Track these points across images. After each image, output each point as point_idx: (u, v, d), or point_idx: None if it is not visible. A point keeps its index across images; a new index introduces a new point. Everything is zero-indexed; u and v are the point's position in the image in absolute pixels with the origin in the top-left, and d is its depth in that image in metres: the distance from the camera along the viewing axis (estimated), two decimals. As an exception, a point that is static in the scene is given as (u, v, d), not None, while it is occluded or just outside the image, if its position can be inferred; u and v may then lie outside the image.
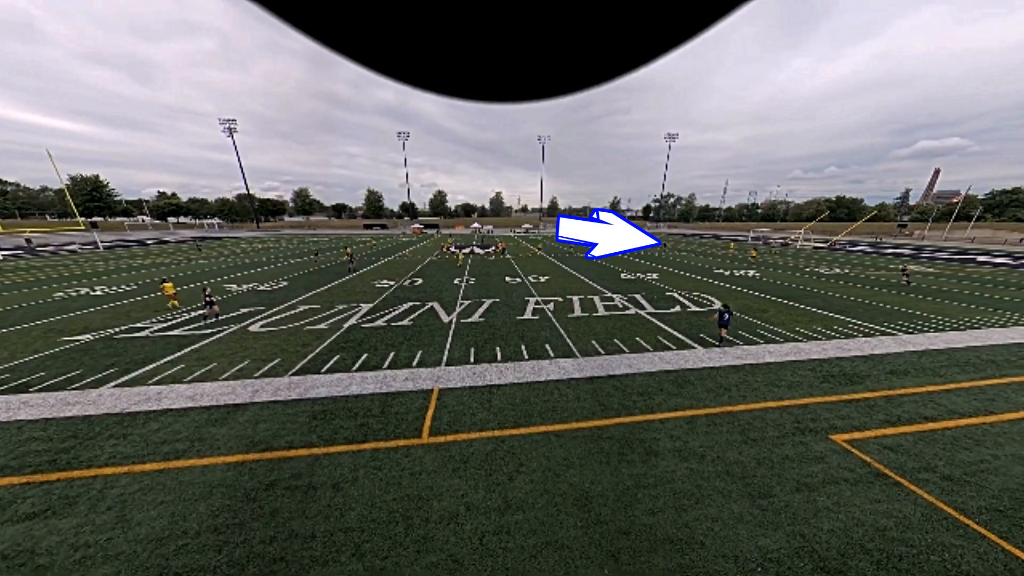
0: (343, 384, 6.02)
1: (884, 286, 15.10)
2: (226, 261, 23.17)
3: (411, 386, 5.96)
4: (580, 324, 9.45)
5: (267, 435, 4.75)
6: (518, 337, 8.39)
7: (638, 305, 11.55)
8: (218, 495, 3.78)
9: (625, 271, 19.18)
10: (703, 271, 19.30)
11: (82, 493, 3.80)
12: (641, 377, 6.35)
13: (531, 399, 5.58)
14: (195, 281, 15.77)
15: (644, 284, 15.42)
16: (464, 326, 9.25)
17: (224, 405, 5.42)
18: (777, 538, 3.32)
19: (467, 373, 6.46)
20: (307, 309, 10.91)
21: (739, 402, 5.55)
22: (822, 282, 16.07)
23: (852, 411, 5.36)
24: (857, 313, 10.73)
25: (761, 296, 13.05)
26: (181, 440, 4.67)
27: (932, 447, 4.59)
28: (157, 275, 17.33)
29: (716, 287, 14.72)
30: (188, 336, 8.43)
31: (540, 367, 6.72)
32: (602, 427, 4.91)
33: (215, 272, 18.45)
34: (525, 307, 11.21)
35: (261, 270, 19.27)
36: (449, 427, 4.90)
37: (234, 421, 5.04)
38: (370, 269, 19.77)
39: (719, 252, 30.89)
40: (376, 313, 10.45)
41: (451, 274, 17.85)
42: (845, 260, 25.15)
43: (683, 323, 9.59)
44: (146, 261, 22.92)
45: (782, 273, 18.78)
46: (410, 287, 14.52)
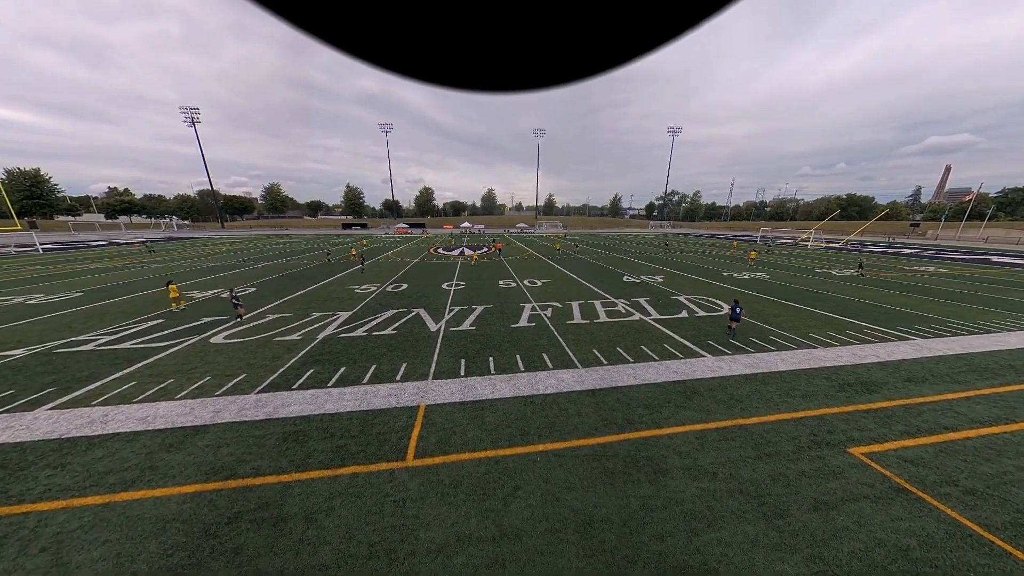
0: (318, 401, 5.91)
1: (897, 288, 15.62)
2: (186, 265, 22.63)
3: (394, 402, 5.88)
4: (580, 332, 9.46)
5: (230, 461, 4.60)
6: (513, 347, 8.37)
7: (642, 310, 11.64)
8: (172, 531, 3.63)
9: (628, 274, 19.38)
10: (710, 273, 19.64)
11: (11, 533, 3.60)
12: (647, 389, 6.36)
13: (527, 415, 5.55)
14: (148, 288, 15.32)
15: (648, 288, 15.58)
16: (453, 335, 9.20)
17: (181, 428, 5.25)
18: (795, 562, 3.34)
19: (457, 387, 6.40)
20: (278, 318, 10.72)
21: (752, 414, 5.60)
22: (834, 284, 16.52)
23: (870, 422, 5.47)
24: (871, 317, 11.04)
25: (772, 300, 13.31)
26: (130, 468, 4.49)
27: (953, 459, 4.71)
28: (104, 281, 16.80)
29: (725, 291, 14.97)
30: (140, 349, 8.16)
31: (537, 379, 6.70)
32: (605, 444, 4.90)
33: (173, 278, 17.98)
34: (520, 314, 11.20)
35: (226, 275, 18.93)
36: (437, 448, 4.83)
37: (192, 446, 4.88)
38: (348, 274, 19.55)
39: (727, 253, 31.55)
40: (356, 322, 10.33)
41: (439, 278, 17.80)
42: (857, 261, 25.96)
43: (691, 329, 9.68)
44: (92, 265, 22.20)
45: (793, 275, 19.24)
46: (394, 292, 14.41)
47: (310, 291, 14.74)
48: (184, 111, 68.55)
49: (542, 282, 16.79)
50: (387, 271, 20.16)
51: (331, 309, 11.73)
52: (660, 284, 16.43)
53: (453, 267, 21.79)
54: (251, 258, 26.54)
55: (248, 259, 25.88)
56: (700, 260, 25.83)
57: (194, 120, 68.97)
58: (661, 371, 7.06)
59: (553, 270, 20.83)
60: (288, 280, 17.26)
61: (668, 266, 22.52)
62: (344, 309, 11.73)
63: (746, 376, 6.89)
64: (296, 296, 13.75)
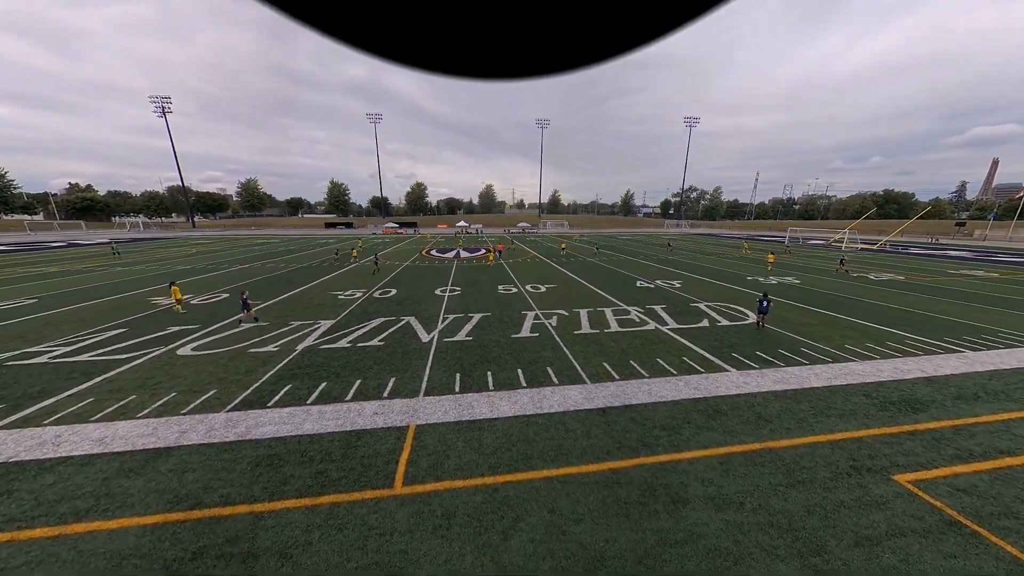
0: (295, 421, 5.88)
1: (943, 294, 15.57)
2: (152, 268, 22.75)
3: (381, 422, 5.85)
4: (589, 343, 9.46)
5: (196, 488, 4.55)
6: (514, 360, 8.36)
7: (658, 319, 11.63)
8: (130, 568, 3.57)
9: (641, 278, 19.40)
10: (733, 278, 19.64)
11: (-52, 570, 3.55)
12: (664, 407, 6.33)
13: (530, 436, 5.52)
14: (110, 294, 15.39)
15: (664, 294, 15.58)
16: (448, 346, 9.19)
17: (142, 450, 5.21)
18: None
19: (451, 405, 6.38)
20: (252, 328, 10.75)
21: (782, 436, 5.55)
22: (871, 290, 16.49)
23: (917, 445, 5.40)
24: (915, 326, 10.98)
25: (802, 307, 13.28)
26: (84, 496, 4.44)
27: (1012, 488, 4.63)
28: (62, 286, 16.88)
29: (749, 296, 14.96)
30: (99, 362, 8.15)
31: (541, 396, 6.68)
32: (618, 470, 4.85)
33: (138, 282, 18.06)
34: (522, 323, 11.21)
35: (196, 279, 18.99)
36: (429, 473, 4.79)
37: (154, 470, 4.84)
38: (332, 278, 19.61)
39: (752, 256, 31.54)
40: (339, 331, 10.34)
41: (432, 283, 17.85)
42: (897, 264, 25.91)
43: (712, 340, 9.65)
44: (50, 269, 22.34)
45: (825, 279, 19.20)
46: (381, 299, 14.43)
47: (289, 297, 14.77)
48: (155, 100, 69.69)
49: (546, 287, 16.82)
50: (373, 275, 20.22)
51: (312, 317, 11.75)
52: (677, 289, 16.43)
53: (447, 271, 21.86)
54: (224, 261, 26.69)
55: (221, 262, 26.03)
56: (719, 263, 25.86)
57: (165, 110, 70.05)
58: (680, 387, 7.03)
59: (558, 274, 20.86)
60: (265, 285, 17.31)
61: (686, 270, 22.54)
62: (326, 317, 11.75)
63: (775, 393, 6.84)
64: (273, 303, 13.77)
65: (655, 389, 6.94)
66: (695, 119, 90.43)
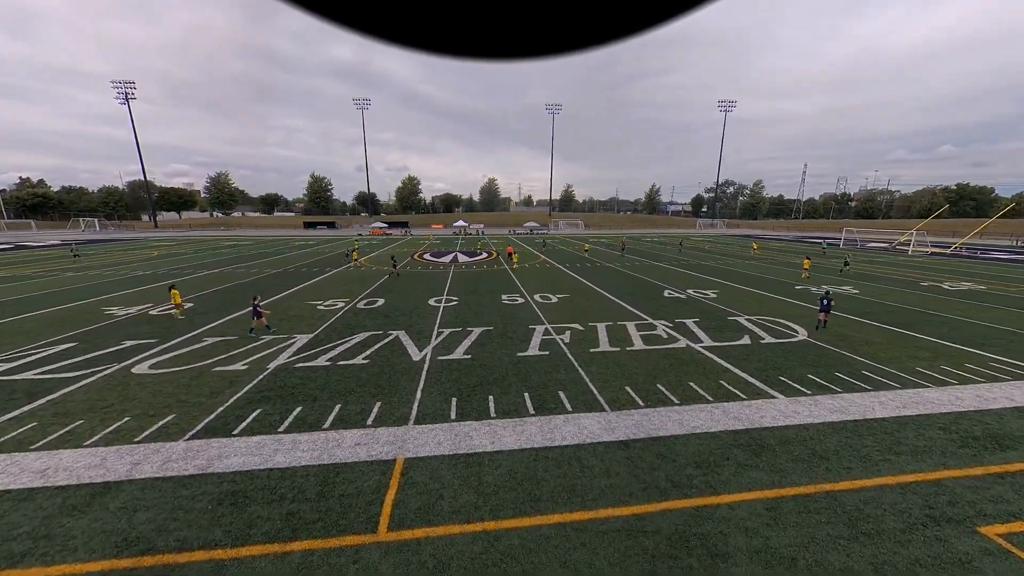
0: (265, 452, 5.89)
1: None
2: (108, 274, 23.25)
3: (364, 454, 5.84)
4: (608, 363, 9.41)
5: (149, 529, 4.55)
6: (520, 382, 8.33)
7: (690, 335, 11.55)
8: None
9: (671, 287, 19.32)
10: (778, 286, 19.44)
11: None
12: (698, 440, 6.24)
13: (539, 474, 5.46)
14: (61, 302, 15.71)
15: (698, 305, 15.48)
16: (443, 366, 9.20)
17: (88, 484, 5.24)
18: None
19: (446, 435, 6.35)
20: (218, 342, 10.84)
21: (842, 476, 5.41)
22: (946, 302, 16.19)
23: (1007, 490, 5.22)
24: (1000, 346, 10.72)
25: (863, 321, 13.08)
26: (20, 538, 4.45)
27: None
28: (6, 293, 17.29)
29: (798, 309, 14.79)
30: (45, 381, 8.28)
31: (552, 426, 6.63)
32: (643, 515, 4.75)
33: (91, 289, 18.45)
34: (530, 338, 11.20)
35: (156, 286, 19.32)
36: (419, 517, 4.74)
37: (102, 508, 4.85)
38: (310, 285, 19.82)
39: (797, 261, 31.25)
40: (317, 347, 10.41)
41: (425, 292, 17.97)
42: (975, 271, 25.44)
43: (756, 361, 9.54)
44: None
45: (889, 290, 18.93)
46: (367, 310, 14.55)
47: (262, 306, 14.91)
48: (117, 85, 72.23)
49: (558, 297, 16.81)
50: (359, 282, 20.41)
51: (286, 331, 11.85)
52: (712, 300, 16.30)
53: (443, 278, 22.01)
54: (189, 265, 27.20)
55: (185, 266, 26.53)
56: (761, 269, 25.63)
57: (128, 96, 72.49)
58: (717, 416, 6.93)
59: (571, 281, 20.87)
60: (235, 292, 17.55)
61: (723, 277, 22.38)
62: (303, 331, 11.84)
63: (832, 424, 6.70)
64: (243, 314, 13.93)
65: (687, 419, 6.85)
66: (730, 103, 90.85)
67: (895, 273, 24.43)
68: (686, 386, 8.15)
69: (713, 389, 8.02)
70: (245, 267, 26.41)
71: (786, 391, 7.94)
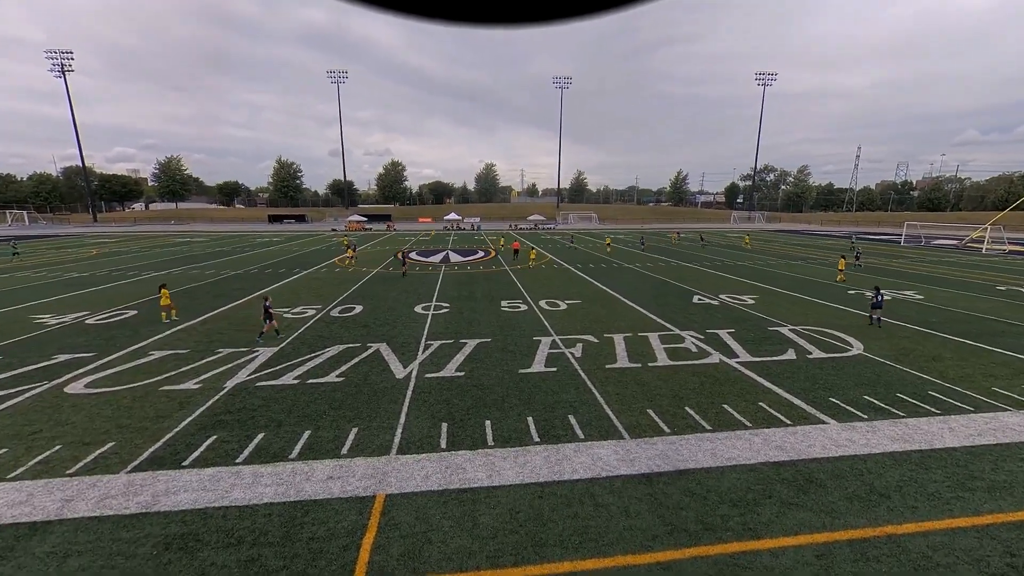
0: (220, 487, 5.87)
1: None
2: (34, 277, 23.33)
3: (338, 490, 5.82)
4: (628, 382, 9.40)
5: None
6: (522, 404, 8.32)
7: (724, 349, 11.54)
8: None
9: (700, 292, 19.32)
10: (827, 291, 19.42)
11: None
12: (734, 474, 6.22)
13: (545, 513, 5.43)
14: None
15: (732, 313, 15.48)
16: (431, 385, 9.19)
17: (12, 524, 5.21)
18: None
19: (434, 468, 6.33)
20: (166, 356, 10.86)
21: (906, 518, 5.38)
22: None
23: (1103, 534, 5.16)
24: (1092, 362, 10.66)
25: (928, 333, 13.06)
26: (-71, 589, 4.44)
27: None
28: (-80, 299, 17.30)
29: (851, 317, 14.78)
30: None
31: (561, 456, 6.61)
32: (669, 564, 4.72)
33: (16, 295, 18.50)
34: (534, 352, 11.20)
35: (94, 290, 19.31)
36: (402, 565, 4.71)
37: (27, 554, 4.82)
38: (274, 289, 19.87)
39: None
40: (283, 362, 10.42)
41: (410, 297, 17.99)
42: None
43: (802, 379, 9.54)
44: (-96, 276, 22.99)
45: (959, 295, 18.90)
46: (342, 319, 14.58)
47: (217, 315, 14.95)
48: (52, 55, 72.85)
49: (567, 303, 16.83)
50: (333, 286, 20.44)
51: (247, 344, 11.87)
52: (750, 307, 16.31)
53: (432, 280, 22.05)
54: (132, 266, 27.31)
55: (128, 268, 26.64)
56: (807, 271, 25.62)
57: (64, 68, 73.09)
58: (757, 445, 6.91)
59: (583, 285, 20.88)
60: (186, 298, 17.58)
61: (762, 279, 22.39)
62: (267, 344, 11.86)
63: (893, 455, 6.67)
64: (195, 322, 13.93)
65: (721, 448, 6.82)
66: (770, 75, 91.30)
67: (966, 275, 24.39)
68: (720, 409, 8.11)
69: (752, 413, 7.98)
70: (199, 268, 26.48)
71: (838, 415, 7.90)
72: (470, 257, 32.43)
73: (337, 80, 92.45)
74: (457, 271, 25.51)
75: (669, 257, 32.64)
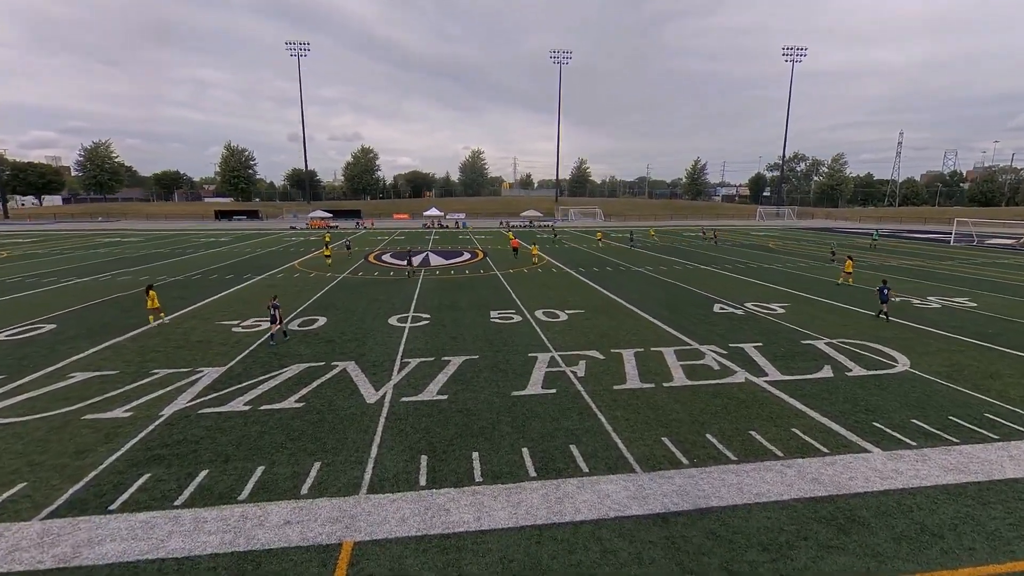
0: (155, 535, 5.76)
1: None
2: (-64, 283, 22.86)
3: (296, 537, 5.74)
4: (639, 405, 9.42)
5: (-17, 651, 4.39)
6: (516, 432, 8.30)
7: (751, 366, 11.61)
8: None
9: (722, 299, 19.45)
10: (868, 299, 19.65)
11: None
12: (764, 512, 6.23)
13: (543, 561, 5.39)
14: None
15: (760, 324, 15.58)
16: (408, 411, 9.15)
17: (-103, 585, 5.05)
18: None
19: (412, 509, 6.28)
20: (90, 379, 10.70)
21: (962, 561, 5.39)
22: (1095, 319, 16.42)
23: None
24: None
25: (984, 346, 13.24)
26: None
27: None
28: None
29: (895, 327, 14.95)
30: None
31: (561, 494, 6.59)
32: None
33: (-89, 305, 18.08)
34: (530, 371, 11.20)
35: (1, 300, 19.07)
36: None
37: (-85, 620, 4.68)
38: (221, 298, 19.64)
39: (892, 264, 31.64)
40: (232, 385, 10.32)
41: (383, 306, 17.90)
42: None
43: (841, 401, 9.61)
44: None
45: (1019, 303, 19.22)
46: (303, 333, 14.50)
47: (151, 329, 14.78)
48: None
49: (568, 313, 16.85)
50: (291, 294, 20.30)
51: (188, 363, 11.74)
52: (779, 317, 16.46)
53: (409, 287, 21.99)
54: (50, 271, 26.93)
55: (45, 274, 26.27)
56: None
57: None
58: (789, 478, 6.92)
59: (587, 291, 20.92)
60: (114, 309, 17.29)
61: (792, 285, 22.63)
62: (212, 363, 11.72)
63: (947, 488, 6.70)
64: (126, 338, 13.76)
65: (748, 482, 6.83)
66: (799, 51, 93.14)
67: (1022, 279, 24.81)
68: (746, 436, 8.13)
69: (783, 440, 8.00)
70: (131, 274, 26.16)
71: (883, 442, 7.94)
72: (454, 259, 32.42)
73: (297, 52, 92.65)
74: (439, 276, 25.45)
75: (684, 259, 32.88)
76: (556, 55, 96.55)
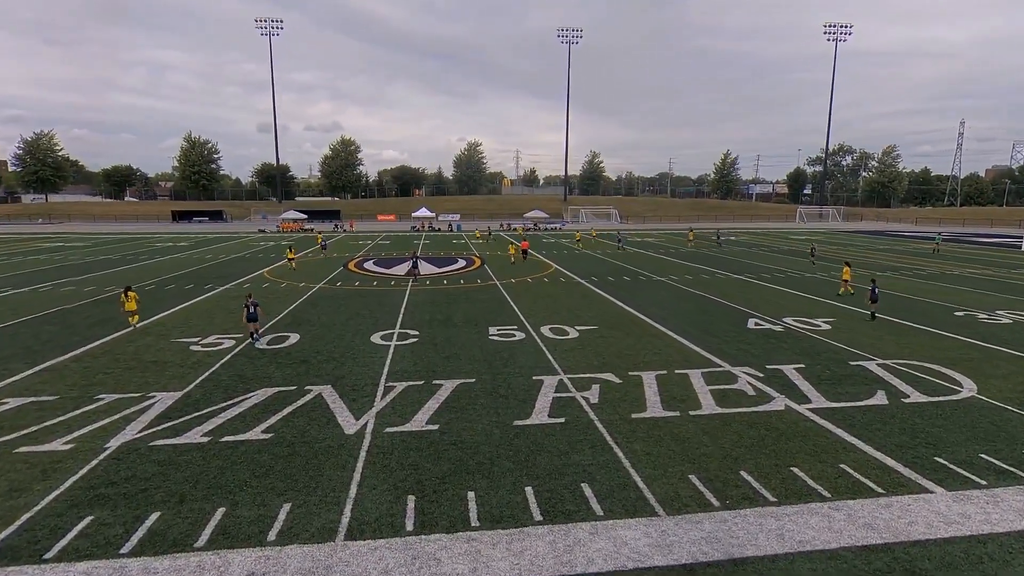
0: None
1: None
2: None
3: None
4: (662, 436, 9.41)
5: None
6: (519, 468, 8.30)
7: (791, 391, 11.61)
8: None
9: (756, 313, 19.48)
10: (927, 312, 19.65)
11: None
12: (809, 563, 6.18)
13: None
14: None
15: (802, 342, 15.59)
16: (393, 443, 9.16)
17: None
18: None
19: (397, 559, 6.24)
20: (24, 405, 10.73)
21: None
22: None
23: None
24: None
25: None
26: None
27: None
28: None
29: (960, 346, 14.94)
30: None
31: (572, 541, 6.56)
32: None
33: None
34: (534, 397, 11.21)
35: (-71, 314, 19.09)
36: None
37: None
38: (178, 311, 19.69)
39: (956, 273, 31.71)
40: (189, 413, 10.33)
41: (364, 321, 17.97)
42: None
43: (898, 432, 9.59)
44: None
45: (1102, 317, 19.10)
46: (272, 352, 14.54)
47: (99, 348, 14.82)
48: None
49: (578, 330, 16.88)
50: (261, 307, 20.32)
51: (139, 387, 11.77)
52: (824, 334, 16.45)
53: (396, 299, 22.07)
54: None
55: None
56: (899, 285, 25.90)
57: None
58: (839, 524, 6.89)
59: (601, 304, 20.97)
60: (54, 323, 17.37)
61: (837, 296, 22.56)
62: (167, 387, 11.75)
63: (1023, 536, 6.68)
64: (68, 358, 13.81)
65: (791, 528, 6.80)
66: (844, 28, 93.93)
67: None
68: (787, 474, 8.10)
69: (831, 478, 7.97)
70: (75, 283, 26.30)
71: (947, 481, 7.90)
72: (447, 268, 32.55)
73: (269, 31, 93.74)
74: (430, 287, 25.54)
75: (714, 267, 32.91)
76: (564, 34, 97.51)
